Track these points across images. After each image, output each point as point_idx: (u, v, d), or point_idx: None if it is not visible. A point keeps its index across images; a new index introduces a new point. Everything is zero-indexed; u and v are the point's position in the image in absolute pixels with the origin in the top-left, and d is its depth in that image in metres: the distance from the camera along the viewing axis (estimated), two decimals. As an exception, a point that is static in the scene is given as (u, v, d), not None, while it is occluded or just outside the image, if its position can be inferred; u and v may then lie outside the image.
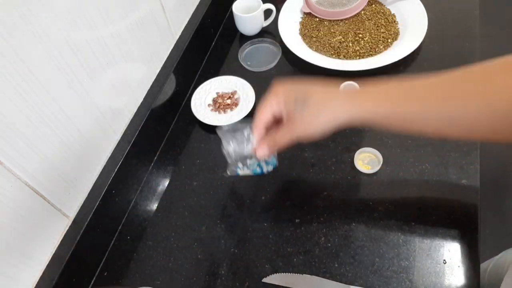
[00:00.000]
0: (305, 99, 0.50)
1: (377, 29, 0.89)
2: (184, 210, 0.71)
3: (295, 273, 0.61)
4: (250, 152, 0.62)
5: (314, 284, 0.60)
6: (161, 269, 0.65)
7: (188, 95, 0.87)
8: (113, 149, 0.69)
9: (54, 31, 0.52)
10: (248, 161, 0.65)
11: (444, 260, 0.60)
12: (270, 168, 0.69)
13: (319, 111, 0.50)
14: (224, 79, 0.86)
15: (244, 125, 0.62)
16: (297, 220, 0.67)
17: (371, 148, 0.72)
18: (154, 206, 0.72)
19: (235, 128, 0.63)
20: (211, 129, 0.80)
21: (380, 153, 0.71)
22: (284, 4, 0.98)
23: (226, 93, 0.84)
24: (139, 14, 0.69)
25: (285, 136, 0.52)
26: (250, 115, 0.80)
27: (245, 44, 0.93)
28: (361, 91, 0.52)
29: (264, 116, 0.53)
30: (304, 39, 0.92)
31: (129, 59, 0.69)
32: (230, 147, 0.63)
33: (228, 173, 0.66)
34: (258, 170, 0.67)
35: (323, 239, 0.64)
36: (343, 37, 0.89)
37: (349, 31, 0.90)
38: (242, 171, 0.66)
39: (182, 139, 0.81)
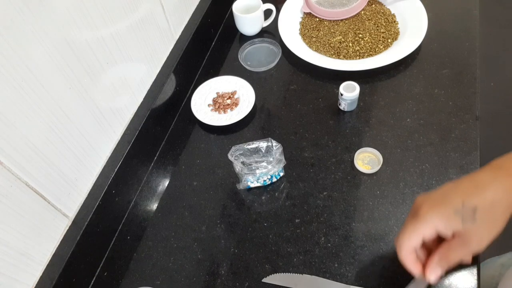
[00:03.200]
0: (469, 210, 0.44)
1: (377, 29, 0.89)
2: (184, 210, 0.71)
3: (295, 273, 0.61)
4: (259, 166, 0.67)
5: (314, 284, 0.60)
6: (161, 269, 0.65)
7: (188, 95, 0.87)
8: (113, 149, 0.69)
9: (54, 31, 0.52)
10: (258, 175, 0.68)
11: (444, 260, 0.60)
12: (278, 177, 0.70)
13: (491, 215, 0.44)
14: (224, 79, 0.86)
15: (252, 143, 0.68)
16: (297, 220, 0.67)
17: (371, 148, 0.72)
18: (154, 206, 0.73)
19: (244, 147, 0.68)
20: (211, 129, 0.80)
21: (380, 153, 0.71)
22: (284, 4, 0.98)
23: (226, 93, 0.84)
24: (139, 14, 0.69)
25: (461, 253, 0.47)
26: (250, 119, 0.80)
27: (245, 44, 0.93)
28: (506, 172, 0.46)
29: (413, 242, 0.47)
30: (304, 39, 0.92)
31: (129, 59, 0.69)
32: (241, 164, 0.68)
33: (240, 187, 0.69)
34: (267, 181, 0.70)
35: (323, 239, 0.64)
36: (343, 37, 0.89)
37: (349, 31, 0.90)
38: (253, 184, 0.70)
39: (182, 139, 0.81)
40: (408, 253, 0.48)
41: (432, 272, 0.48)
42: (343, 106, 0.77)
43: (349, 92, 0.74)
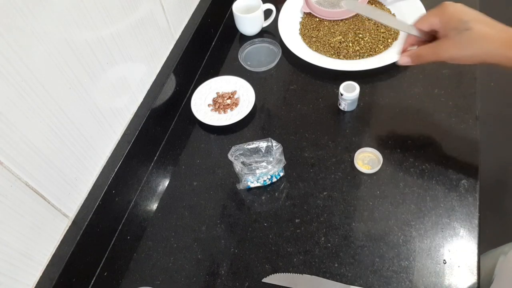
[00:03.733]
0: (470, 24, 0.53)
1: (377, 29, 0.89)
2: (184, 210, 0.71)
3: (295, 273, 0.61)
4: (259, 167, 0.67)
5: (314, 284, 0.60)
6: (161, 269, 0.65)
7: (188, 95, 0.87)
8: (113, 149, 0.69)
9: (54, 31, 0.52)
10: (258, 175, 0.68)
11: (444, 260, 0.60)
12: (278, 177, 0.70)
13: (477, 43, 0.53)
14: (224, 79, 0.86)
15: (252, 143, 0.68)
16: (297, 220, 0.67)
17: (371, 148, 0.72)
18: (154, 206, 0.73)
19: (244, 147, 0.68)
20: (211, 129, 0.80)
21: (380, 153, 0.71)
22: (284, 4, 0.98)
23: (226, 93, 0.84)
24: (139, 14, 0.69)
25: (433, 53, 0.57)
26: (250, 119, 0.80)
27: (245, 44, 0.93)
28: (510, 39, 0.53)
29: (424, 24, 0.58)
30: (304, 39, 0.92)
31: (129, 59, 0.69)
32: (241, 164, 0.68)
33: (240, 187, 0.69)
34: (267, 182, 0.70)
35: (323, 239, 0.64)
36: (343, 37, 0.89)
37: (349, 31, 0.90)
38: (253, 184, 0.70)
39: (182, 139, 0.81)
40: (416, 27, 0.60)
41: (402, 58, 0.62)
42: (343, 106, 0.77)
43: (349, 92, 0.74)
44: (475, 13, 0.55)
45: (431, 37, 0.59)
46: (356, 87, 0.74)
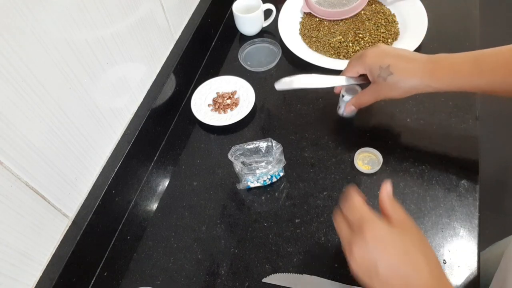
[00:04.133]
0: (390, 69, 0.60)
1: (377, 29, 0.89)
2: (184, 210, 0.71)
3: (295, 273, 0.61)
4: (259, 166, 0.67)
5: (314, 284, 0.60)
6: (161, 269, 0.65)
7: (188, 95, 0.87)
8: (113, 149, 0.69)
9: (54, 31, 0.52)
10: (258, 175, 0.68)
11: (444, 260, 0.60)
12: (278, 177, 0.70)
13: (402, 82, 0.60)
14: (224, 79, 0.86)
15: (252, 143, 0.68)
16: (297, 220, 0.67)
17: (371, 148, 0.72)
18: (154, 206, 0.73)
19: (244, 147, 0.68)
20: (211, 129, 0.80)
21: (380, 153, 0.71)
22: (284, 4, 0.98)
23: (226, 93, 0.84)
24: (139, 14, 0.69)
25: (370, 96, 0.66)
26: (250, 119, 0.80)
27: (245, 44, 0.93)
28: (436, 65, 0.58)
29: (351, 73, 0.67)
30: (304, 39, 0.92)
31: (129, 59, 0.69)
32: (241, 164, 0.68)
33: (240, 187, 0.69)
34: (267, 182, 0.70)
35: (323, 239, 0.64)
36: (343, 37, 0.89)
37: (349, 31, 0.90)
38: (253, 184, 0.70)
39: (182, 139, 0.81)
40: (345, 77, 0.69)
41: (348, 108, 0.71)
42: (342, 110, 0.75)
43: (351, 94, 0.73)
44: (393, 52, 0.62)
45: (366, 78, 0.66)
46: (359, 90, 0.74)
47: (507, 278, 0.54)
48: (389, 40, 0.87)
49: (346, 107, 0.71)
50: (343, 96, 0.73)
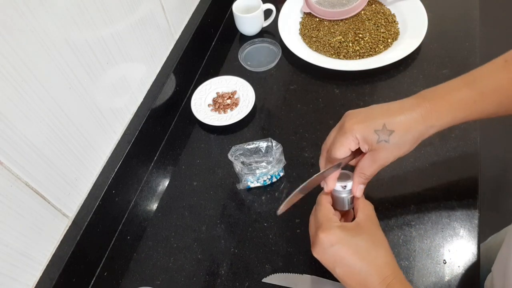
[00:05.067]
0: (386, 131, 0.50)
1: (377, 29, 0.89)
2: (184, 210, 0.71)
3: (295, 273, 0.61)
4: (259, 166, 0.67)
5: (314, 284, 0.60)
6: (161, 269, 0.65)
7: (188, 95, 0.87)
8: (113, 149, 0.69)
9: (54, 30, 0.52)
10: (258, 175, 0.68)
11: (444, 260, 0.60)
12: (278, 177, 0.70)
13: (406, 135, 0.51)
14: (224, 79, 0.86)
15: (252, 143, 0.68)
16: (297, 220, 0.67)
17: (371, 148, 0.71)
18: (154, 206, 0.73)
19: (244, 147, 0.68)
20: (211, 129, 0.80)
21: (380, 153, 0.70)
22: (284, 4, 0.98)
23: (226, 93, 0.84)
24: (139, 14, 0.69)
25: (375, 166, 0.53)
26: (250, 119, 0.80)
27: (245, 44, 0.93)
28: (433, 102, 0.51)
29: (343, 155, 0.54)
30: (304, 39, 0.92)
31: (129, 59, 0.69)
32: (241, 164, 0.68)
33: (240, 187, 0.68)
34: (267, 182, 0.70)
35: (323, 239, 0.64)
36: (343, 37, 0.89)
37: (349, 31, 0.90)
38: (253, 184, 0.70)
39: (182, 139, 0.81)
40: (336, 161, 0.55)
41: (358, 190, 0.55)
42: (347, 203, 0.57)
43: (346, 181, 0.57)
44: (376, 111, 0.52)
45: (354, 154, 0.55)
46: (349, 173, 0.57)
47: (509, 258, 0.53)
48: (389, 40, 0.87)
49: (358, 189, 0.55)
50: (343, 188, 0.56)
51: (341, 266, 0.48)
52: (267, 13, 0.95)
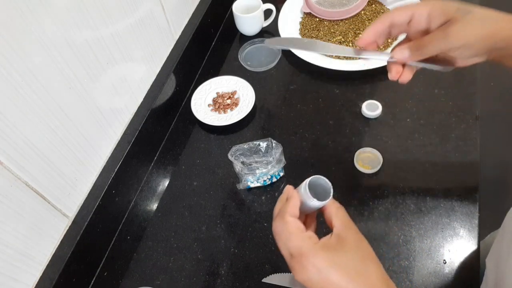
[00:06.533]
0: (469, 8, 0.43)
1: (377, 29, 0.89)
2: (184, 210, 0.71)
3: (295, 273, 0.61)
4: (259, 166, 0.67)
5: (314, 284, 0.59)
6: (161, 269, 0.65)
7: (188, 95, 0.87)
8: (113, 149, 0.69)
9: (54, 31, 0.52)
10: (258, 175, 0.68)
11: (444, 260, 0.60)
12: (278, 177, 0.70)
13: (484, 20, 0.43)
14: (224, 79, 0.86)
15: (252, 143, 0.68)
16: (297, 220, 0.67)
17: (371, 148, 0.72)
18: (154, 206, 0.72)
19: (244, 147, 0.68)
20: (211, 129, 0.80)
21: (380, 153, 0.71)
22: (284, 4, 0.98)
23: (226, 93, 0.84)
24: (139, 14, 0.69)
25: (443, 42, 0.44)
26: (250, 118, 0.80)
27: (245, 44, 0.93)
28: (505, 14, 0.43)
29: (400, 18, 0.46)
30: (304, 39, 0.92)
31: (129, 59, 0.69)
32: (241, 164, 0.68)
33: (240, 187, 0.68)
34: (267, 182, 0.70)
35: (323, 239, 0.64)
36: (343, 37, 0.89)
37: (349, 31, 0.90)
38: (253, 184, 0.70)
39: (182, 139, 0.81)
40: (388, 16, 0.47)
41: (399, 51, 0.46)
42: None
43: (372, 111, 0.68)
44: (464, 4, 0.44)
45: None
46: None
47: (502, 250, 0.52)
48: (389, 40, 0.87)
49: (397, 51, 0.48)
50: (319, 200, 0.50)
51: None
52: (267, 13, 0.95)
